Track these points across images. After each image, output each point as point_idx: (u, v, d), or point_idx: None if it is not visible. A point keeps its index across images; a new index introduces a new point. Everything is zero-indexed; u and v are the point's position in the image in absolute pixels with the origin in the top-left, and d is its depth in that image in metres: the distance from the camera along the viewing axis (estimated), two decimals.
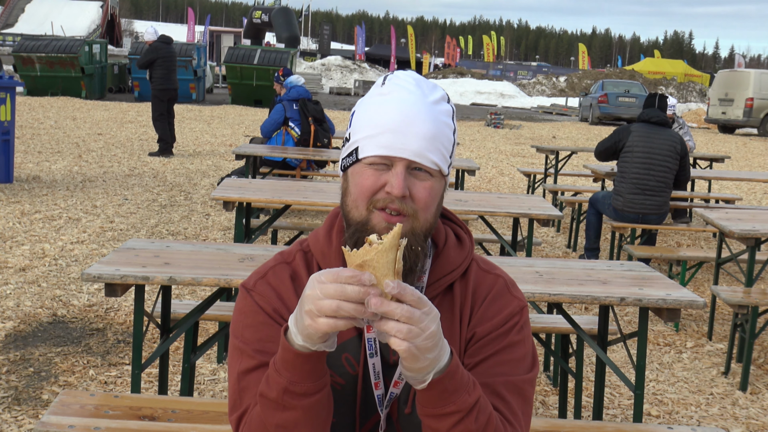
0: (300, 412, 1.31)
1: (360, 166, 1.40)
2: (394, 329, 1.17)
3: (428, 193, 1.39)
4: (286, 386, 1.29)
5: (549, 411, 3.98)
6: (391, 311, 1.16)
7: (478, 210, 4.77)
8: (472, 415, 1.30)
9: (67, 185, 9.16)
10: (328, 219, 1.53)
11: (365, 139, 1.40)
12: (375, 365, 1.44)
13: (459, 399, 1.28)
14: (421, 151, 1.37)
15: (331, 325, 1.19)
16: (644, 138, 6.23)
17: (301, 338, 1.25)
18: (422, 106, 1.39)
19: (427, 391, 1.27)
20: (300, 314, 1.24)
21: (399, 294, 1.17)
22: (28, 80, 22.01)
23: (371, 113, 1.41)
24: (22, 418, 3.49)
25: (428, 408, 1.30)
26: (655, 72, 44.25)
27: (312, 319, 1.20)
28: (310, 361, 1.28)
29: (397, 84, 1.42)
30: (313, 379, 1.30)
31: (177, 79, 12.52)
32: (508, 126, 23.04)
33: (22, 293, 5.19)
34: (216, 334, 3.41)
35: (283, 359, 1.29)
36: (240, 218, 5.05)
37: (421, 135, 1.37)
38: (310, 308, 1.20)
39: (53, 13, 40.48)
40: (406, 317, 1.17)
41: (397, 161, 1.37)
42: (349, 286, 1.17)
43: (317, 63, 41.44)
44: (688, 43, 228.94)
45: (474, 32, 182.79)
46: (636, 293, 3.02)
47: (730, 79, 24.71)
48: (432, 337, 1.20)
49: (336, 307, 1.17)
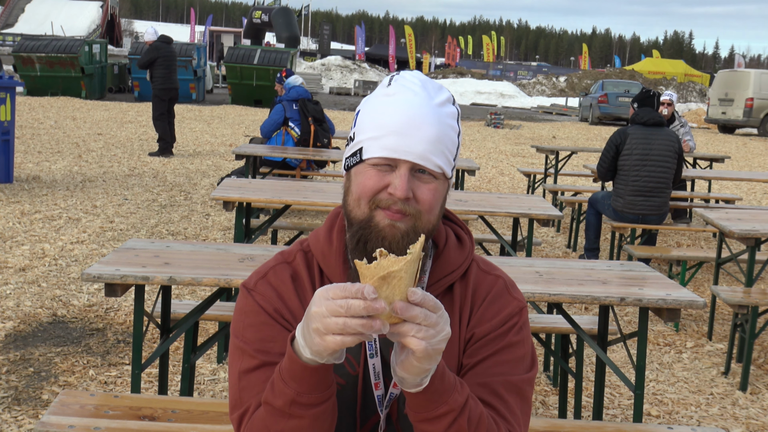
0: (307, 421, 1.32)
1: (363, 166, 1.40)
2: (413, 330, 1.18)
3: (432, 195, 1.39)
4: (293, 398, 1.29)
5: (549, 411, 3.98)
6: (415, 315, 1.17)
7: (478, 210, 4.77)
8: (465, 413, 1.31)
9: (67, 185, 9.16)
10: (328, 219, 1.53)
11: (369, 140, 1.39)
12: (375, 366, 1.44)
13: (450, 398, 1.29)
14: (425, 154, 1.37)
15: (339, 342, 1.18)
16: (642, 140, 6.22)
17: (310, 352, 1.25)
18: (427, 109, 1.39)
19: (420, 395, 1.28)
20: (308, 330, 1.23)
21: (422, 301, 1.18)
22: (28, 80, 22.00)
23: (376, 114, 1.41)
24: (22, 418, 3.49)
25: (422, 412, 1.30)
26: (655, 72, 44.26)
27: (321, 338, 1.20)
28: (318, 374, 1.28)
29: (403, 85, 1.42)
30: (321, 390, 1.30)
31: (177, 78, 12.53)
32: (508, 126, 23.05)
33: (22, 293, 5.19)
34: (216, 334, 3.41)
35: (290, 370, 1.28)
36: (240, 218, 5.05)
37: (425, 138, 1.37)
38: (317, 326, 1.19)
39: (53, 13, 40.49)
40: (426, 321, 1.18)
41: (401, 163, 1.37)
42: (355, 300, 1.16)
43: (317, 63, 41.44)
44: (688, 43, 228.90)
45: (474, 32, 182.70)
46: (636, 293, 3.02)
47: (730, 79, 24.71)
48: (446, 339, 1.22)
49: (343, 325, 1.17)
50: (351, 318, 1.16)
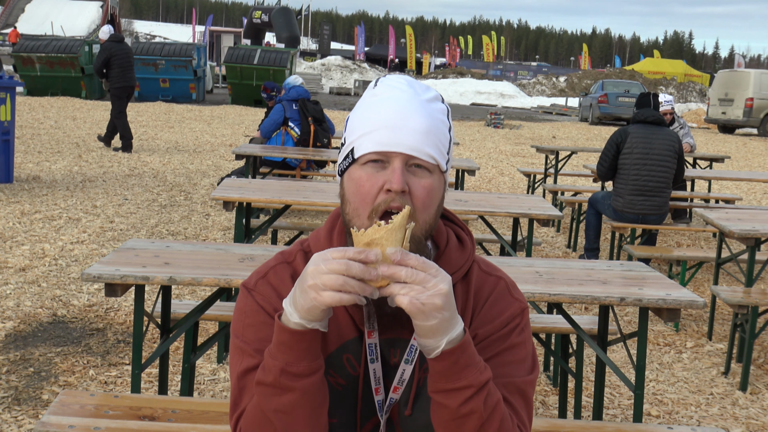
0: (298, 394, 1.33)
1: (356, 167, 1.40)
2: (397, 288, 1.24)
3: (427, 192, 1.38)
4: (282, 367, 1.32)
5: (549, 411, 3.98)
6: (396, 274, 1.23)
7: (478, 210, 4.76)
8: (483, 393, 1.32)
9: (67, 185, 9.16)
10: (329, 220, 1.53)
11: (360, 138, 1.40)
12: (376, 371, 1.44)
13: (470, 374, 1.31)
14: (417, 145, 1.37)
15: (335, 298, 1.24)
16: (642, 139, 6.22)
17: (298, 315, 1.29)
18: (416, 103, 1.40)
19: (440, 362, 1.30)
20: (300, 291, 1.28)
21: (402, 260, 1.24)
22: (28, 80, 22.02)
23: (365, 114, 1.41)
24: (22, 418, 3.49)
25: (440, 383, 1.32)
26: (655, 72, 44.29)
27: (317, 293, 1.24)
28: (305, 340, 1.31)
29: (389, 85, 1.43)
30: (309, 359, 1.33)
31: (134, 76, 12.69)
32: (508, 126, 23.05)
33: (22, 293, 5.19)
34: (216, 334, 3.41)
35: (278, 342, 1.32)
36: (240, 218, 5.05)
37: (416, 129, 1.37)
38: (314, 282, 1.24)
39: (53, 13, 40.45)
40: (411, 278, 1.24)
41: (393, 157, 1.37)
42: (355, 263, 1.23)
43: (317, 63, 41.46)
44: (688, 43, 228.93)
45: (474, 32, 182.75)
46: (636, 293, 3.02)
47: (730, 79, 24.71)
48: (441, 295, 1.25)
49: (342, 282, 1.23)
50: (350, 278, 1.23)
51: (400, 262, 1.23)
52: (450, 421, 1.34)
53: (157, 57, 23.45)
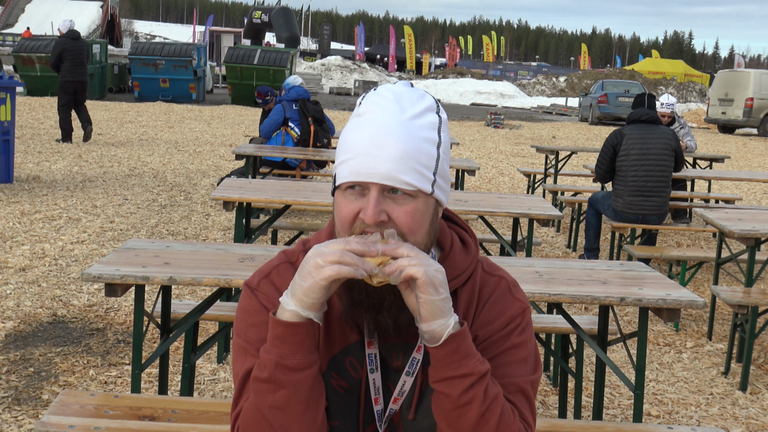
0: (292, 389, 1.34)
1: (339, 192, 1.40)
2: (407, 261, 1.30)
3: (410, 217, 1.36)
4: (277, 361, 1.34)
5: (549, 411, 3.99)
6: (397, 249, 1.30)
7: (478, 210, 4.77)
8: (483, 383, 1.35)
9: (67, 185, 9.16)
10: (331, 221, 1.53)
11: (340, 165, 1.39)
12: (375, 381, 1.45)
13: (471, 363, 1.34)
14: (391, 173, 1.33)
15: (335, 270, 1.27)
16: (639, 139, 6.22)
17: (294, 301, 1.32)
18: (395, 125, 1.35)
19: (441, 349, 1.33)
20: (300, 276, 1.32)
21: (399, 242, 1.33)
22: (28, 80, 22.00)
23: (347, 137, 1.40)
24: (22, 418, 3.49)
25: (442, 371, 1.34)
26: (655, 72, 44.27)
27: (318, 270, 1.29)
28: (298, 333, 1.33)
29: (374, 102, 1.39)
30: (303, 353, 1.34)
31: (85, 72, 13.07)
32: (508, 126, 23.04)
33: (22, 293, 5.19)
34: (216, 334, 3.41)
35: (273, 336, 1.34)
36: (240, 218, 5.05)
37: (391, 156, 1.33)
38: (315, 261, 1.29)
39: (53, 13, 40.49)
40: (415, 252, 1.31)
41: (370, 186, 1.35)
42: (354, 241, 1.31)
43: (317, 63, 41.44)
44: (688, 43, 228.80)
45: (474, 32, 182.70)
46: (636, 293, 3.02)
47: (730, 79, 24.71)
48: (441, 271, 1.33)
49: (341, 254, 1.28)
50: (349, 252, 1.29)
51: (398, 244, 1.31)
52: (452, 410, 1.35)
53: (157, 57, 23.43)
